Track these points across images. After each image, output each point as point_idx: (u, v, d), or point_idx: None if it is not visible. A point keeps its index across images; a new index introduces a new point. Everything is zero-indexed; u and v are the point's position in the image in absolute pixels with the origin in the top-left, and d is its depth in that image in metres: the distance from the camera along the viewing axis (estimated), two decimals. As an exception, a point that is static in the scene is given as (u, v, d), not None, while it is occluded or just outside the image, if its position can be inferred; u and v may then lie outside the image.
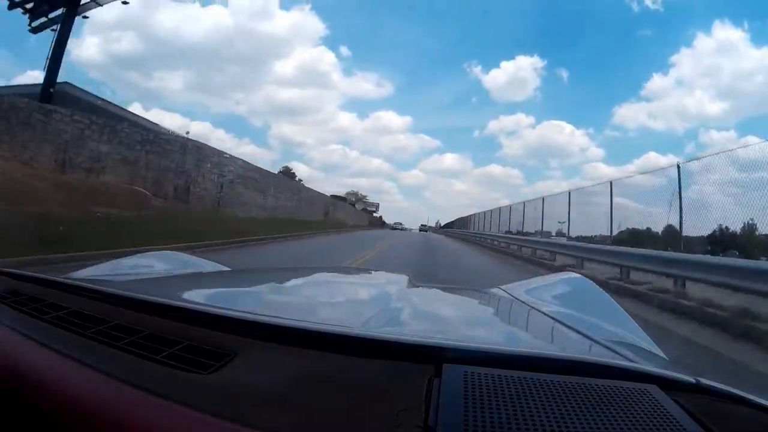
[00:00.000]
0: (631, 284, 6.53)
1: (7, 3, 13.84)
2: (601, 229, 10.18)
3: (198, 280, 1.23)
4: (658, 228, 8.24)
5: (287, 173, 49.17)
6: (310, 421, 0.42)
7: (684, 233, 7.25)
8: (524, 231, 16.08)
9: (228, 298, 1.06)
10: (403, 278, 1.29)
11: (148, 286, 1.01)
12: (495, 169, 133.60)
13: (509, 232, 17.72)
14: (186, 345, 0.53)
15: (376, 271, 1.68)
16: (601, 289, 1.26)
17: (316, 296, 1.19)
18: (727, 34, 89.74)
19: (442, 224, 75.16)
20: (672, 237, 7.61)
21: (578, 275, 1.55)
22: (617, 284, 6.50)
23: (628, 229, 8.75)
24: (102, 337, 0.56)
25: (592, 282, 1.35)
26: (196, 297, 0.99)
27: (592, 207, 10.70)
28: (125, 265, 1.29)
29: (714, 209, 6.80)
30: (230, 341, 0.54)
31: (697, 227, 7.03)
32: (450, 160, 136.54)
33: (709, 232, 6.93)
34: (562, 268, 8.52)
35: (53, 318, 0.62)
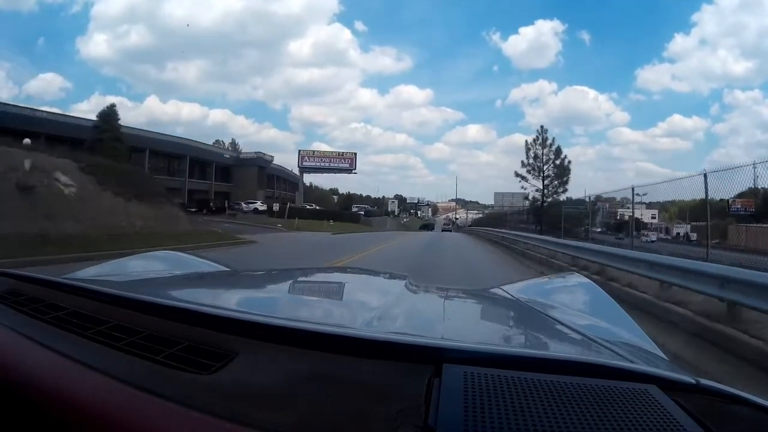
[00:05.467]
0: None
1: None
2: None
3: (198, 280, 1.23)
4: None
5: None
6: (310, 422, 0.42)
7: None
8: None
9: (228, 298, 1.06)
10: (404, 279, 1.29)
11: (149, 287, 1.01)
12: (519, 138, 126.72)
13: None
14: (186, 345, 0.53)
15: (376, 271, 1.67)
16: (601, 290, 1.26)
17: (316, 297, 1.19)
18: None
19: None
20: None
21: (579, 276, 1.55)
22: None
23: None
24: (102, 338, 0.56)
25: (592, 282, 1.35)
26: (196, 297, 0.99)
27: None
28: (126, 266, 1.29)
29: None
30: (230, 342, 0.54)
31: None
32: (474, 131, 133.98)
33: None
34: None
35: (53, 318, 0.62)
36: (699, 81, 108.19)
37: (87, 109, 70.41)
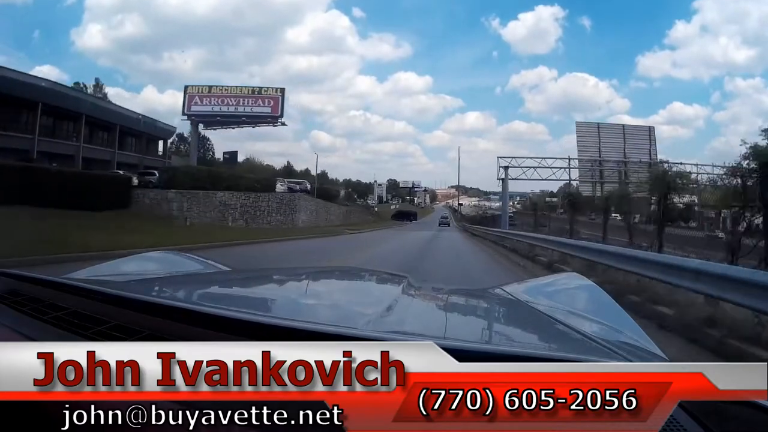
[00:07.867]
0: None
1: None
2: None
3: (198, 280, 1.23)
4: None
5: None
6: None
7: None
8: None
9: (227, 298, 1.06)
10: (404, 279, 1.29)
11: (148, 287, 1.01)
12: (519, 125, 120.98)
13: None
14: None
15: (376, 271, 1.67)
16: (601, 290, 1.25)
17: (316, 297, 1.18)
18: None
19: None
20: None
21: (579, 276, 1.55)
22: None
23: None
24: (102, 338, 0.56)
25: (592, 283, 1.34)
26: (196, 297, 0.99)
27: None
28: (125, 266, 1.29)
29: None
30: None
31: None
32: (473, 118, 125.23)
33: None
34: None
35: (53, 318, 0.62)
36: (700, 68, 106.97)
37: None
